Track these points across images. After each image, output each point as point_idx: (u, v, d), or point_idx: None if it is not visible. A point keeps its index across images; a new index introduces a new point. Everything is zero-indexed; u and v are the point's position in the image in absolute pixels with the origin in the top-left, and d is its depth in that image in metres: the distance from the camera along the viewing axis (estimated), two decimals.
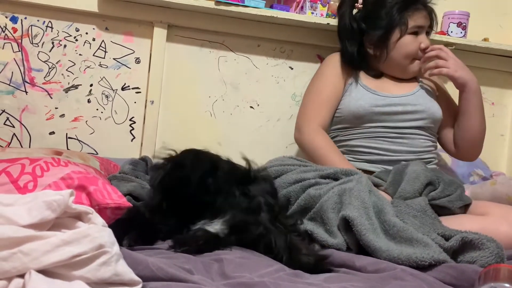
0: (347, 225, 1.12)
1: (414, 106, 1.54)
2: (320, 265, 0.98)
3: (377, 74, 1.63)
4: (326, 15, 1.76)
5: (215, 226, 1.06)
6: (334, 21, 1.74)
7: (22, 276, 0.67)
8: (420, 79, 1.65)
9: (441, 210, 1.30)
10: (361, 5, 1.61)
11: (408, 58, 1.57)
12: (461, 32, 1.85)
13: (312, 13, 1.75)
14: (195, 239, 1.01)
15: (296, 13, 1.74)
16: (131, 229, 1.03)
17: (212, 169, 1.13)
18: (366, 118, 1.53)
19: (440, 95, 1.66)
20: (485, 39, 1.92)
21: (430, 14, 1.59)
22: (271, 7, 1.72)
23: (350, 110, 1.54)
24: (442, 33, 1.86)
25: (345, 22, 1.61)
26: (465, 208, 1.35)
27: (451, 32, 1.85)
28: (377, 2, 1.58)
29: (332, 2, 1.78)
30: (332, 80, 1.60)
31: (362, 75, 1.61)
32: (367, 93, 1.55)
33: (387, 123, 1.52)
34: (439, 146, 1.66)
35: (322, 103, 1.58)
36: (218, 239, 1.04)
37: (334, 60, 1.64)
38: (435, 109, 1.57)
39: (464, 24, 1.85)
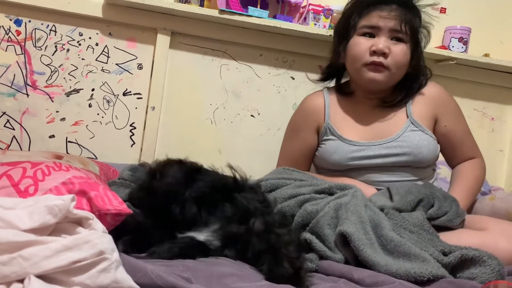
0: (344, 240, 1.11)
1: (396, 156, 1.37)
2: (298, 279, 0.93)
3: (350, 91, 1.49)
4: (329, 26, 1.77)
5: (203, 235, 1.04)
6: None
7: (21, 281, 0.67)
8: (411, 104, 1.43)
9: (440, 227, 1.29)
10: None
11: (355, 61, 1.37)
12: (462, 47, 1.86)
13: (315, 24, 1.77)
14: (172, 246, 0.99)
15: (299, 24, 1.76)
16: (125, 234, 1.02)
17: (190, 179, 1.08)
18: (345, 169, 1.42)
19: (440, 122, 1.45)
20: (486, 55, 1.93)
21: (403, 17, 1.36)
22: (275, 17, 1.73)
23: (326, 163, 1.44)
24: (443, 47, 1.87)
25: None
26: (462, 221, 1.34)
27: (453, 47, 1.87)
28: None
29: (335, 14, 1.79)
30: (303, 136, 1.49)
31: (336, 114, 1.46)
32: (342, 145, 1.41)
33: (369, 171, 1.40)
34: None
35: (295, 160, 1.51)
36: (203, 247, 1.01)
37: (304, 111, 1.51)
38: (423, 155, 1.37)
39: (466, 39, 1.86)
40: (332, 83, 1.59)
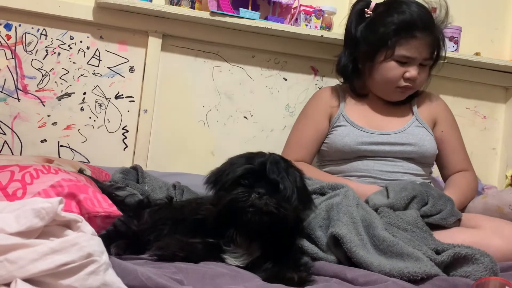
0: (336, 242, 1.11)
1: (402, 146, 1.49)
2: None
3: (364, 93, 1.58)
4: (320, 27, 1.78)
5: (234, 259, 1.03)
6: (328, 34, 1.76)
7: (7, 285, 0.66)
8: (416, 104, 1.58)
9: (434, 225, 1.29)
10: (370, 12, 1.54)
11: (388, 84, 1.50)
12: (453, 46, 1.87)
13: (306, 25, 1.77)
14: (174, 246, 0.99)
15: (291, 25, 1.76)
16: (119, 237, 1.02)
17: None
18: (353, 155, 1.49)
19: (438, 127, 1.58)
20: (477, 54, 1.93)
21: (433, 44, 1.48)
22: (266, 18, 1.73)
23: (336, 147, 1.51)
24: None
25: (348, 26, 1.57)
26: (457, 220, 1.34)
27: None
28: (381, 15, 1.50)
29: (326, 15, 1.79)
30: (315, 120, 1.57)
31: (349, 106, 1.57)
32: (354, 130, 1.51)
33: (375, 157, 1.49)
34: None
35: (303, 144, 1.55)
36: (200, 253, 1.00)
37: (319, 97, 1.62)
38: (426, 148, 1.50)
39: (456, 39, 1.87)
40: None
